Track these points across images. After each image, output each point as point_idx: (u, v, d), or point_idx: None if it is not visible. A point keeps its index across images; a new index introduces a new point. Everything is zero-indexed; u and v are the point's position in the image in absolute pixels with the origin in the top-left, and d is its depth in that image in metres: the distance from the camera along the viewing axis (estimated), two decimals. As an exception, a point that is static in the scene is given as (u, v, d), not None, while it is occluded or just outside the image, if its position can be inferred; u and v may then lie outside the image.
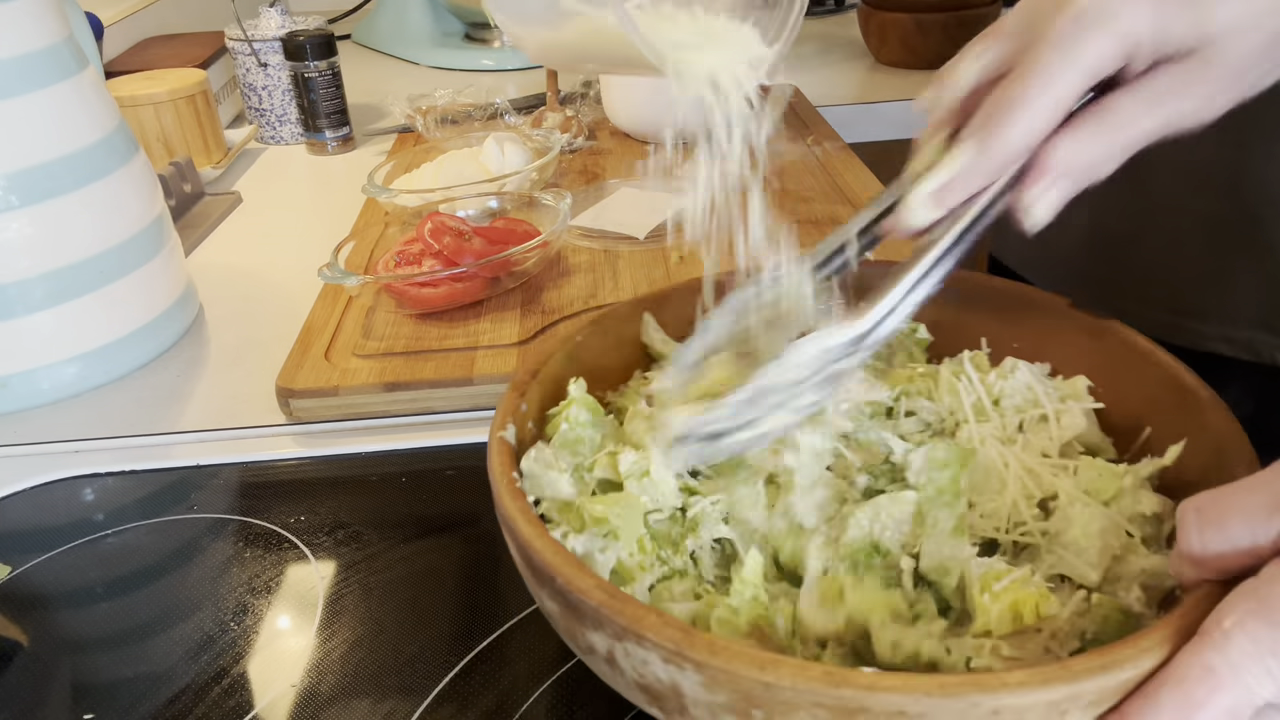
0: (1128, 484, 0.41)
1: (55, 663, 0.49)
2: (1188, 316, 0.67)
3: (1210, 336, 0.66)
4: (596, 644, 0.35)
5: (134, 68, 1.17)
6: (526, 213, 0.82)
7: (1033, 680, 0.29)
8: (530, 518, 0.38)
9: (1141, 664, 0.31)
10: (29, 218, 0.66)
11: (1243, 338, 0.65)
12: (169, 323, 0.76)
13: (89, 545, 0.57)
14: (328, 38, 1.13)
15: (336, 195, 1.05)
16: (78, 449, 0.65)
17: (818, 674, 0.30)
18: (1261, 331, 0.64)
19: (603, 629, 0.34)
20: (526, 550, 0.37)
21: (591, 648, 0.35)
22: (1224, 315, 0.66)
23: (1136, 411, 0.46)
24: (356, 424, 0.66)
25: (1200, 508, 0.33)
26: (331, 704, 0.45)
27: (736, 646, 0.31)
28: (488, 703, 0.45)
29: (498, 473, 0.41)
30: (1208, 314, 0.66)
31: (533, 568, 0.37)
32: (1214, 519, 0.33)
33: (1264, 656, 0.30)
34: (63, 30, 0.69)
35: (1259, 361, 0.65)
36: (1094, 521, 0.39)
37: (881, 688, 0.29)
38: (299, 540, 0.56)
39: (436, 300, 0.73)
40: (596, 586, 0.34)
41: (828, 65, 1.42)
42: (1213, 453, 0.40)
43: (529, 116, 1.13)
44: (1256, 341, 0.65)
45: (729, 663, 0.31)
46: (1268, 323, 0.64)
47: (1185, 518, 0.34)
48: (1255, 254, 0.63)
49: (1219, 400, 0.42)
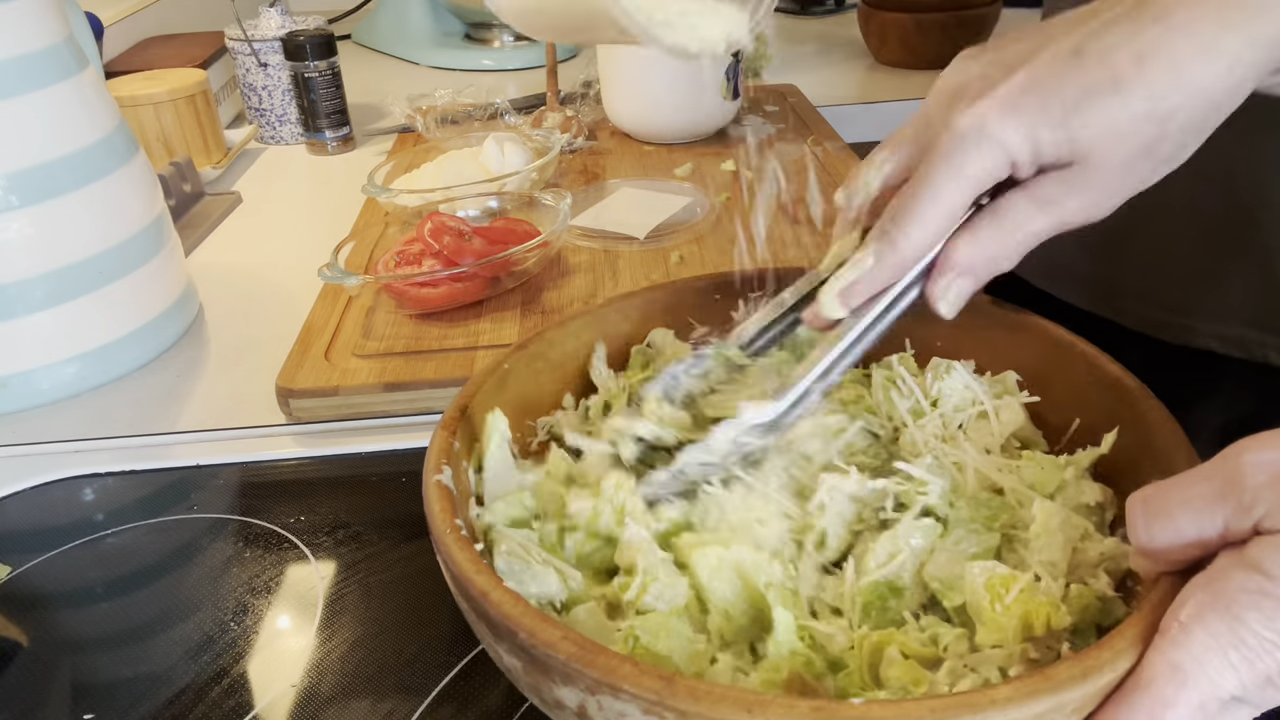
0: (1069, 476, 0.43)
1: (55, 663, 0.49)
2: (1179, 313, 0.68)
3: (1201, 333, 0.67)
4: (566, 699, 0.33)
5: (134, 68, 1.17)
6: (526, 213, 0.82)
7: (1018, 695, 0.29)
8: (481, 567, 0.35)
9: (1119, 666, 0.31)
10: (29, 218, 0.66)
11: (1234, 335, 0.65)
12: (169, 323, 0.76)
13: (89, 545, 0.57)
14: (328, 38, 1.13)
15: (336, 195, 1.05)
16: (77, 449, 0.65)
17: (805, 710, 0.29)
18: (1252, 329, 0.65)
19: (573, 683, 0.32)
20: (482, 604, 0.34)
21: (560, 703, 0.33)
22: (1215, 312, 0.66)
23: (1063, 403, 0.47)
24: (356, 424, 0.66)
25: (1147, 499, 0.34)
26: (331, 704, 0.45)
27: (721, 690, 0.30)
28: (488, 703, 0.45)
29: (439, 521, 0.38)
30: (1199, 311, 0.67)
31: (489, 622, 0.34)
32: (1160, 511, 0.33)
33: (1224, 650, 0.30)
34: (63, 30, 0.69)
35: (1250, 359, 0.65)
36: (1053, 516, 0.40)
37: (872, 719, 0.29)
38: (299, 540, 0.56)
39: (436, 300, 0.73)
40: (564, 638, 0.32)
41: (828, 65, 1.42)
42: (1144, 440, 0.41)
43: (529, 116, 1.13)
44: (1247, 339, 0.65)
45: (713, 708, 0.29)
46: (1259, 320, 0.64)
47: (1133, 510, 0.34)
48: (1246, 252, 0.63)
49: (1146, 388, 0.43)
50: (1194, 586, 0.32)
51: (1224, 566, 0.32)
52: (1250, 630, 0.30)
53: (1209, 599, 0.31)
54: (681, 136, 1.09)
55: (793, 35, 1.59)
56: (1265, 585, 0.30)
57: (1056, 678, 0.30)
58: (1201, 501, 0.32)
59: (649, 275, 0.79)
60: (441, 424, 0.44)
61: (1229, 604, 0.31)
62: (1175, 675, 0.30)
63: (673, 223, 0.87)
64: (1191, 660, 0.30)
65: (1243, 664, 0.30)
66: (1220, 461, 0.33)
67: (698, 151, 1.07)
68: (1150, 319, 0.68)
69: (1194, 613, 0.31)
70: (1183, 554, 0.33)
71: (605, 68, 1.08)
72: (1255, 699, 0.31)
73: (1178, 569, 0.34)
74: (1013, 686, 0.30)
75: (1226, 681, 0.30)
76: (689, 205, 0.90)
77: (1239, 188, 0.62)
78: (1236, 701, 0.31)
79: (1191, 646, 0.31)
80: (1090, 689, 0.30)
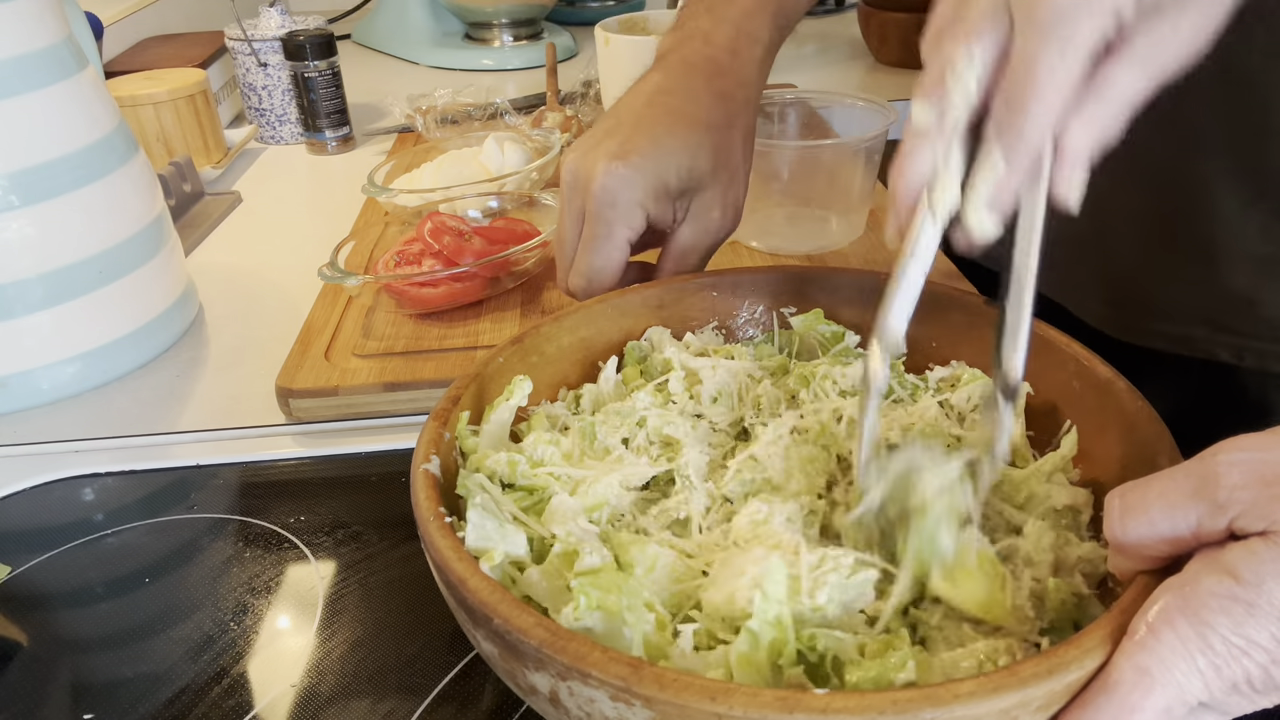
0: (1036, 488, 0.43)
1: (55, 663, 0.49)
2: (1125, 310, 0.68)
3: (1148, 332, 0.67)
4: (539, 685, 0.33)
5: (134, 68, 1.17)
6: (526, 213, 0.82)
7: (982, 690, 0.29)
8: (462, 555, 0.36)
9: (1086, 664, 0.31)
10: (29, 218, 0.66)
11: (1179, 333, 0.66)
12: (169, 323, 0.76)
13: (89, 545, 0.57)
14: (328, 38, 1.13)
15: (336, 195, 1.05)
16: (77, 449, 0.65)
17: (770, 700, 0.29)
18: (1200, 327, 0.65)
19: (545, 669, 0.33)
20: (460, 590, 0.35)
21: (534, 688, 0.34)
22: (1161, 311, 0.67)
23: (1054, 402, 0.47)
24: (356, 424, 0.66)
25: (1124, 494, 0.34)
26: (331, 704, 0.45)
27: (686, 678, 0.30)
28: (488, 703, 0.45)
29: (424, 508, 0.39)
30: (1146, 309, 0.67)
31: (467, 608, 0.35)
32: (1136, 505, 0.33)
33: (1192, 655, 0.30)
34: (62, 30, 0.69)
35: (1194, 356, 0.66)
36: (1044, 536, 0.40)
37: (835, 709, 0.29)
38: (299, 540, 0.56)
39: (436, 300, 0.73)
40: (537, 624, 0.33)
41: (828, 65, 1.42)
42: (1132, 442, 0.41)
43: (529, 116, 1.13)
44: (1194, 336, 0.65)
45: (679, 695, 0.30)
46: (1206, 318, 0.65)
47: (1110, 505, 0.34)
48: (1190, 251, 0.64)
49: (1135, 390, 0.43)
50: (1164, 589, 0.32)
51: (1196, 570, 0.31)
52: (1219, 636, 0.30)
53: (1179, 602, 0.31)
54: (681, 136, 1.08)
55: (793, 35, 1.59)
56: (1235, 590, 0.30)
57: (1021, 674, 0.30)
58: (1176, 497, 0.32)
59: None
60: (433, 414, 0.45)
61: (1199, 608, 0.30)
62: (1142, 680, 0.30)
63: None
64: (1159, 664, 0.30)
65: (1210, 670, 0.30)
66: (1198, 461, 0.33)
67: (698, 151, 1.06)
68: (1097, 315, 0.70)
69: (1163, 616, 0.31)
70: (1155, 550, 0.33)
71: (605, 68, 1.08)
72: (1222, 705, 0.31)
73: (1151, 567, 0.33)
74: (977, 681, 0.30)
75: (1193, 687, 0.30)
76: (689, 205, 0.90)
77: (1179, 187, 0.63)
78: (1203, 707, 0.31)
79: (1159, 650, 0.30)
80: (1056, 686, 0.30)
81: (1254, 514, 0.31)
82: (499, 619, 0.33)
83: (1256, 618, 0.30)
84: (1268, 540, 0.30)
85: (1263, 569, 0.30)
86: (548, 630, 0.32)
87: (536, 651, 0.32)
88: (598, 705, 0.32)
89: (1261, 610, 0.30)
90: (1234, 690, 0.30)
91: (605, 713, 0.32)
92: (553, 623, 0.33)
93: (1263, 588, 0.30)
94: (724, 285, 0.57)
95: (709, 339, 0.56)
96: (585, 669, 0.31)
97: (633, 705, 0.31)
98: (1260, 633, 0.30)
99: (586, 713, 0.32)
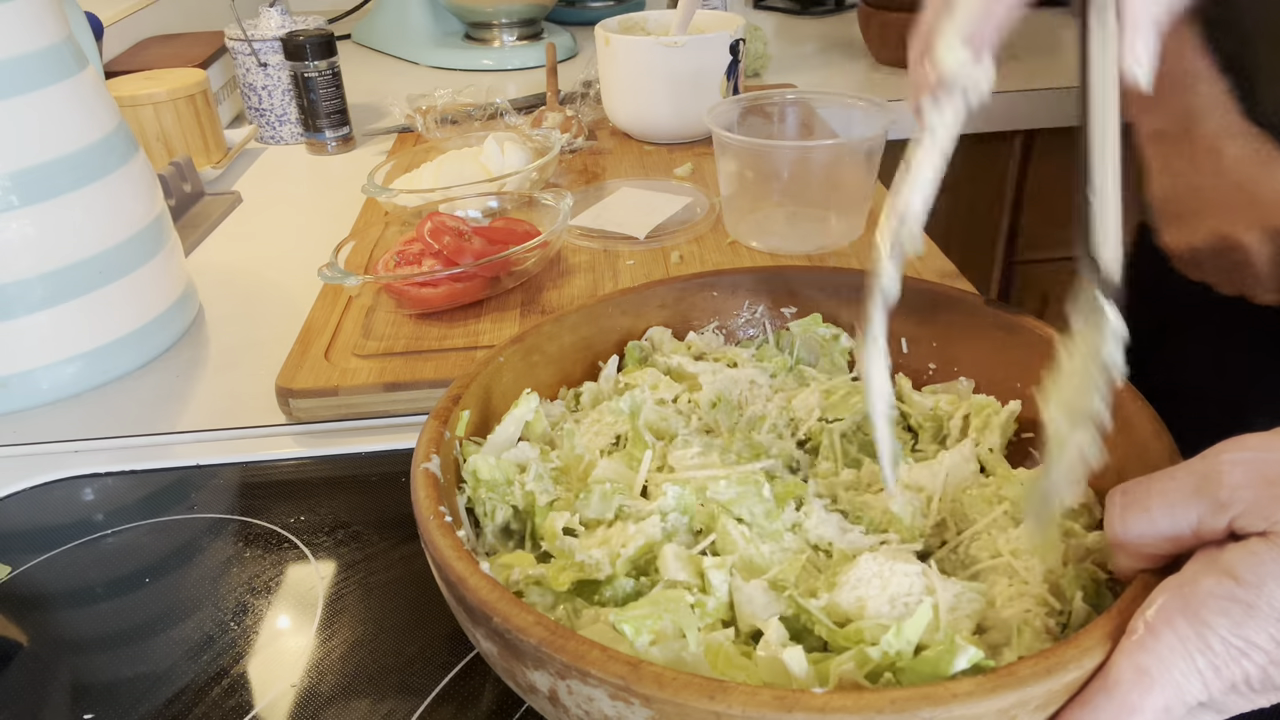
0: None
1: (55, 663, 0.49)
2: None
3: None
4: (538, 683, 0.34)
5: (134, 68, 1.17)
6: (526, 213, 0.82)
7: (981, 689, 0.29)
8: (461, 553, 0.36)
9: (1084, 664, 0.31)
10: (29, 218, 0.66)
11: None
12: (169, 323, 0.76)
13: (89, 545, 0.57)
14: (328, 38, 1.13)
15: (336, 195, 1.05)
16: (77, 449, 0.65)
17: (768, 698, 0.29)
18: None
19: (544, 667, 0.33)
20: (459, 588, 0.35)
21: (533, 687, 0.34)
22: None
23: None
24: (356, 424, 0.66)
25: (1125, 491, 0.34)
26: (331, 704, 0.45)
27: (685, 677, 0.30)
28: (488, 702, 0.45)
29: (424, 508, 0.39)
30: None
31: (466, 607, 0.35)
32: (1136, 502, 0.33)
33: (1191, 655, 0.30)
34: (62, 30, 0.69)
35: None
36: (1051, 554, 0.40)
37: (834, 708, 0.29)
38: (299, 540, 0.56)
39: (436, 300, 0.73)
40: (536, 623, 0.33)
41: (828, 65, 1.42)
42: (1132, 444, 0.41)
43: (529, 116, 1.13)
44: None
45: (678, 694, 0.30)
46: None
47: (1111, 501, 0.34)
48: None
49: (1135, 390, 0.43)
50: (1163, 588, 0.32)
51: (1196, 570, 0.31)
52: (1218, 636, 0.30)
53: (1179, 602, 0.31)
54: (681, 136, 1.09)
55: (793, 35, 1.60)
56: (1235, 591, 0.30)
57: (1019, 673, 0.30)
58: (1177, 495, 0.32)
59: (649, 275, 0.79)
60: (433, 414, 0.45)
61: (1198, 608, 0.30)
62: (1141, 679, 0.30)
63: (673, 222, 0.87)
64: (1158, 664, 0.30)
65: (1209, 670, 0.30)
66: (1200, 459, 0.33)
67: (698, 151, 1.07)
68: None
69: (1162, 615, 0.31)
70: (1156, 548, 0.33)
71: (605, 68, 1.08)
72: (1220, 705, 0.31)
73: (1152, 565, 0.33)
74: (975, 681, 0.30)
75: (1192, 687, 0.30)
76: (689, 205, 0.90)
77: None
78: (1202, 707, 0.31)
79: (1158, 650, 0.30)
80: (1054, 685, 0.30)
81: (1255, 513, 0.31)
82: (498, 617, 0.33)
83: (1255, 619, 0.30)
84: (1268, 541, 0.30)
85: (1262, 570, 0.30)
86: (547, 629, 0.32)
87: (536, 650, 0.32)
88: (597, 704, 0.32)
89: (1261, 611, 0.30)
90: (1232, 690, 0.30)
91: (604, 711, 0.32)
92: (552, 621, 0.33)
93: (1262, 589, 0.30)
94: (724, 285, 0.57)
95: (710, 339, 0.56)
96: (584, 667, 0.31)
97: (632, 704, 0.31)
98: (1259, 634, 0.30)
99: (586, 711, 0.32)
